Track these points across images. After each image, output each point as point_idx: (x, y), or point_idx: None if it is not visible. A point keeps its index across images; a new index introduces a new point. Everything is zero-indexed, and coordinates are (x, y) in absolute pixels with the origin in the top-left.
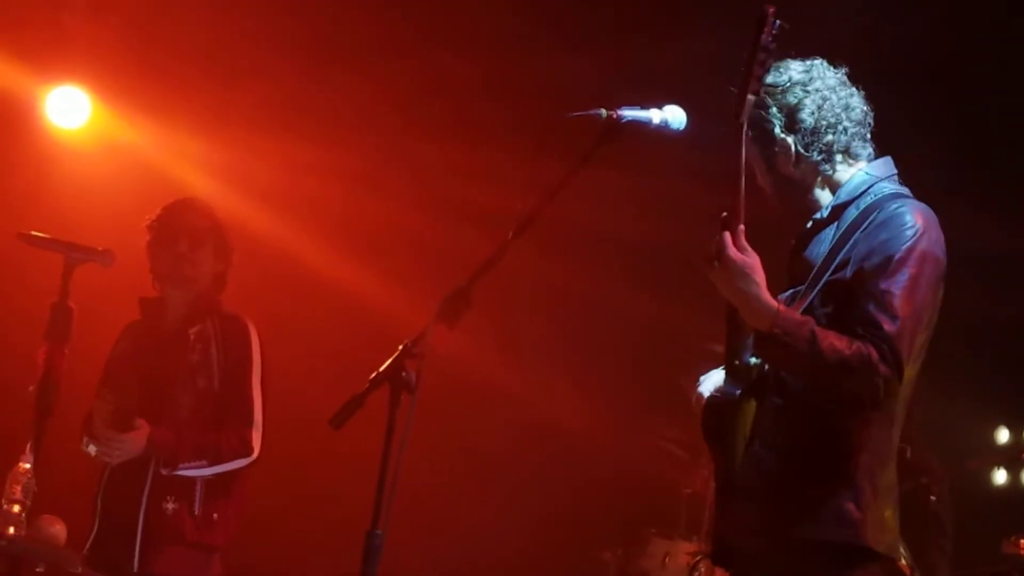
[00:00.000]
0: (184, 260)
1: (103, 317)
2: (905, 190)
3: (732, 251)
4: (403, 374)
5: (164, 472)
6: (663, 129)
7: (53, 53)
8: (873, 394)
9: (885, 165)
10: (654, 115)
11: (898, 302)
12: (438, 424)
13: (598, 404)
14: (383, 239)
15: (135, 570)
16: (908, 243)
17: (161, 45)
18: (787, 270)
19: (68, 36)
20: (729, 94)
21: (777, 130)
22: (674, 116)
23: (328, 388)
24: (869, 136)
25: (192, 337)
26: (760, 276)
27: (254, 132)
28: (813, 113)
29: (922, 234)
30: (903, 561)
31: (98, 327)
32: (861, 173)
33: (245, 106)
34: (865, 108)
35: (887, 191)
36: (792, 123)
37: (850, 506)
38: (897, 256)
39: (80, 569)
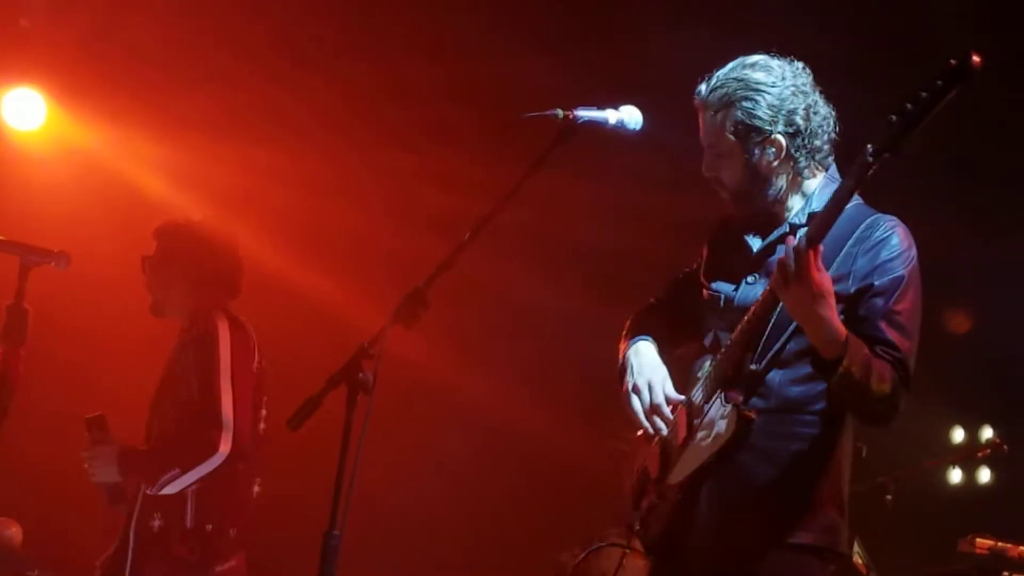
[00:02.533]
0: (146, 284)
1: (58, 320)
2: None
3: (815, 271)
4: (360, 375)
5: (149, 492)
6: (619, 129)
7: (9, 54)
8: (893, 413)
9: (835, 174)
10: (610, 115)
11: (908, 324)
12: (395, 428)
13: (556, 408)
14: (344, 244)
15: None
16: (910, 265)
17: (119, 48)
18: (723, 262)
19: (25, 37)
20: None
21: (769, 127)
22: (630, 116)
23: (289, 393)
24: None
25: (177, 350)
26: (834, 300)
27: (213, 136)
28: (806, 116)
29: (915, 254)
30: (859, 560)
31: (53, 329)
32: (825, 181)
33: (203, 110)
34: (833, 115)
35: (856, 203)
36: (787, 123)
37: (835, 515)
38: (905, 278)
39: (36, 572)
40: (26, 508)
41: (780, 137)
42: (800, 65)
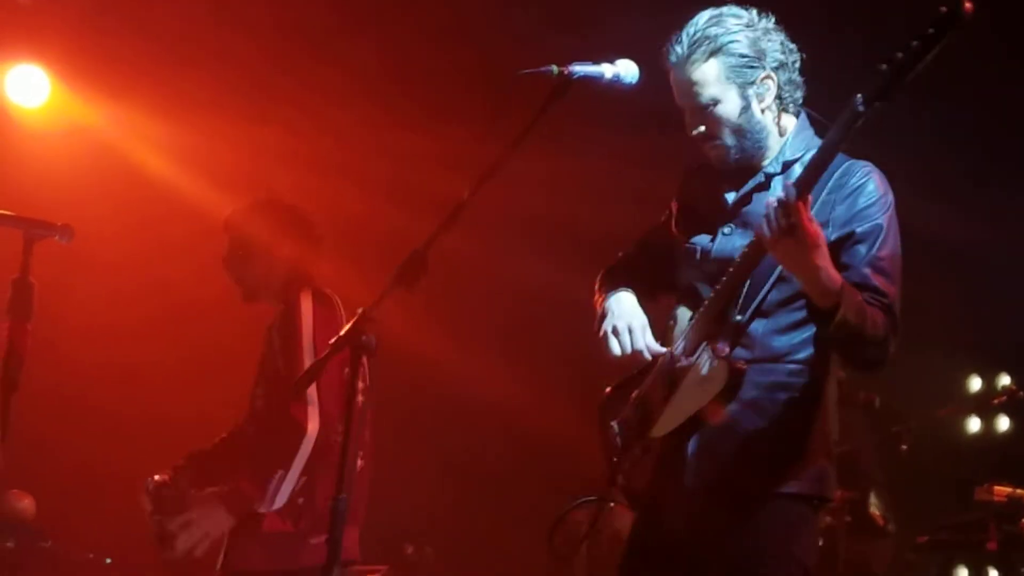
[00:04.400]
0: (230, 275)
1: (64, 293)
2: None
3: (808, 223)
4: (363, 338)
5: (264, 511)
6: (615, 83)
7: (12, 31)
8: (885, 359)
9: (807, 119)
10: (606, 70)
11: (892, 269)
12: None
13: (549, 379)
14: (348, 225)
15: (218, 566)
16: (888, 210)
17: (123, 25)
18: (697, 214)
19: (29, 14)
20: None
21: (760, 64)
22: (626, 70)
23: None
24: None
25: (268, 329)
26: (826, 249)
27: (217, 115)
28: (783, 51)
29: (892, 199)
30: (876, 511)
31: (59, 303)
32: (798, 128)
33: (208, 89)
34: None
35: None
36: (771, 59)
37: (824, 462)
38: (884, 224)
39: (49, 543)
40: (38, 480)
41: (771, 72)
42: (756, 9)
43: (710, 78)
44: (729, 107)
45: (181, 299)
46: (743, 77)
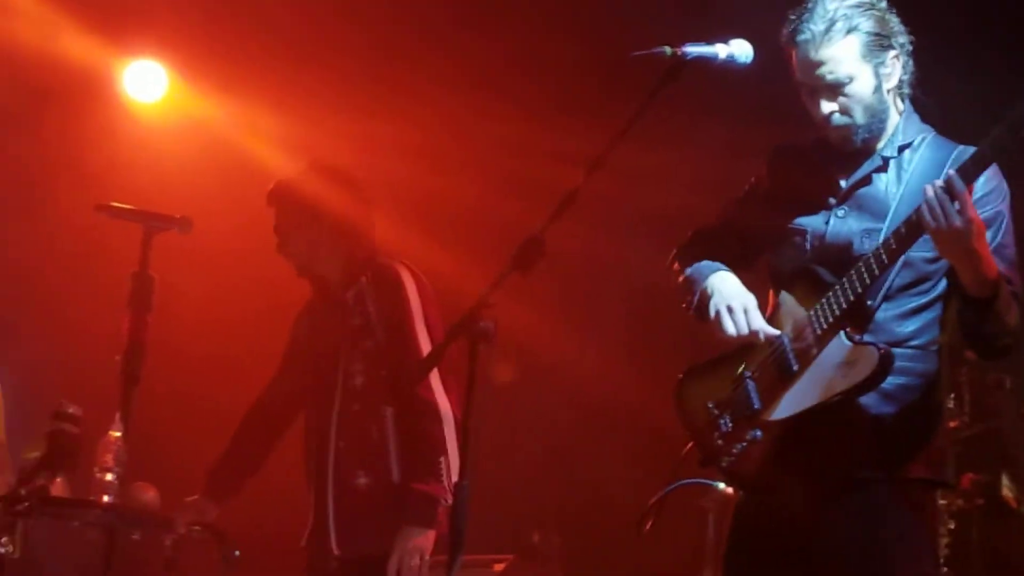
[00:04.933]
0: (281, 249)
1: (183, 285)
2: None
3: (973, 211)
4: (480, 324)
5: (447, 504)
6: (730, 64)
7: (131, 27)
8: (1011, 347)
9: (911, 104)
10: (720, 50)
11: (1015, 257)
12: (500, 399)
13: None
14: (466, 218)
15: (335, 553)
16: (1005, 199)
17: (240, 20)
18: (799, 194)
19: (147, 10)
20: None
21: (892, 43)
22: (740, 50)
23: None
24: None
25: (350, 301)
26: (986, 237)
27: (333, 109)
28: (905, 40)
29: (1006, 186)
30: (1009, 493)
31: (177, 297)
32: (907, 113)
33: (324, 83)
34: None
35: (933, 135)
36: (900, 45)
37: (943, 445)
38: (1005, 212)
39: (177, 532)
40: (162, 473)
41: (898, 52)
42: None
43: (847, 55)
44: (863, 85)
45: (296, 293)
46: (876, 56)
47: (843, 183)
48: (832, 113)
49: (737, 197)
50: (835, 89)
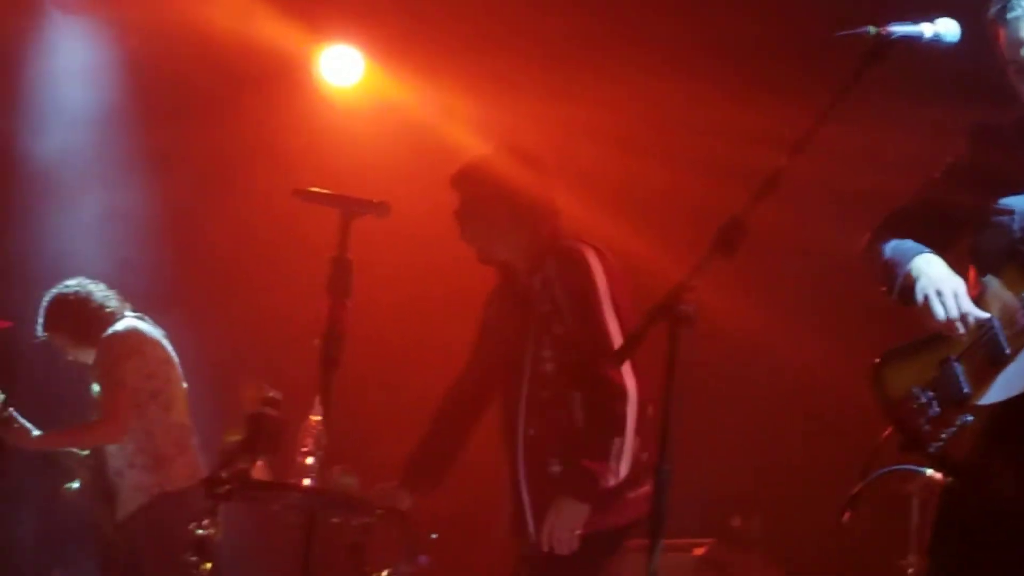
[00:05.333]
0: (463, 235)
1: (380, 269)
2: None
3: None
4: (680, 308)
5: (613, 484)
6: (935, 43)
7: (327, 12)
8: None
9: None
10: (925, 29)
11: None
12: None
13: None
14: (658, 202)
15: (534, 540)
16: None
17: (434, 4)
18: (1011, 176)
19: None
20: None
21: None
22: (947, 29)
23: None
24: None
25: (537, 286)
26: None
27: (526, 92)
28: None
29: None
30: None
31: (376, 279)
32: None
33: (518, 67)
34: None
35: None
36: None
37: None
38: None
39: (376, 515)
40: (362, 456)
41: None
42: None
43: None
44: None
45: (492, 275)
46: None
47: None
48: None
49: (935, 177)
50: None
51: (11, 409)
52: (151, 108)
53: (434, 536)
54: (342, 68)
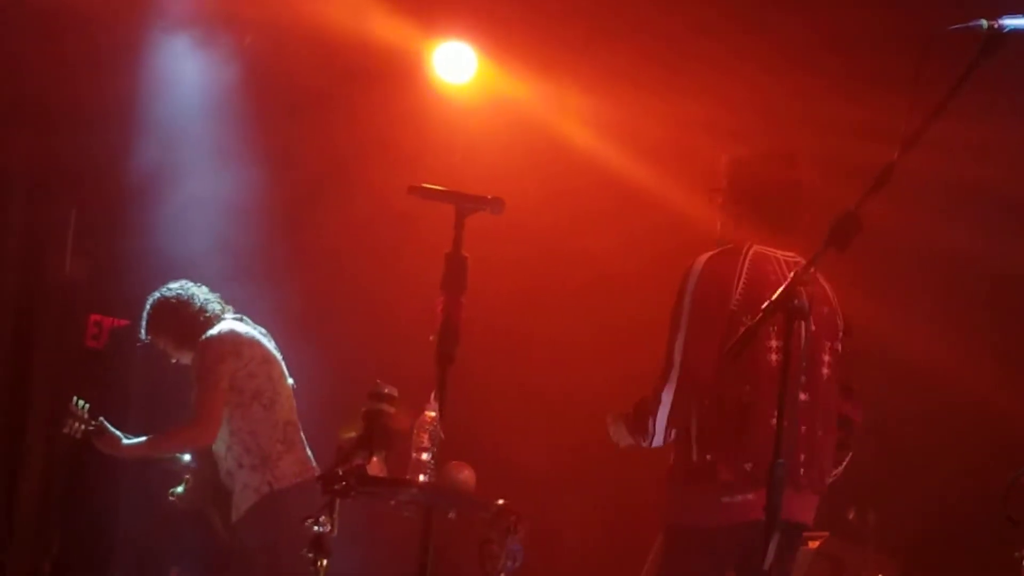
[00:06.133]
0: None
1: (495, 265)
2: None
3: None
4: (795, 301)
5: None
6: None
7: (440, 9)
8: None
9: None
10: None
11: None
12: None
13: (977, 345)
14: None
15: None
16: None
17: (545, 1)
18: None
19: None
20: None
21: None
22: None
23: None
24: None
25: None
26: None
27: (642, 88)
28: None
29: None
30: None
31: (491, 275)
32: None
33: (632, 61)
34: None
35: None
36: None
37: None
38: None
39: (492, 511)
40: (477, 452)
41: None
42: None
43: None
44: None
45: (606, 270)
46: None
47: None
48: None
49: None
50: None
51: (101, 418)
52: (266, 106)
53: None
54: (456, 64)
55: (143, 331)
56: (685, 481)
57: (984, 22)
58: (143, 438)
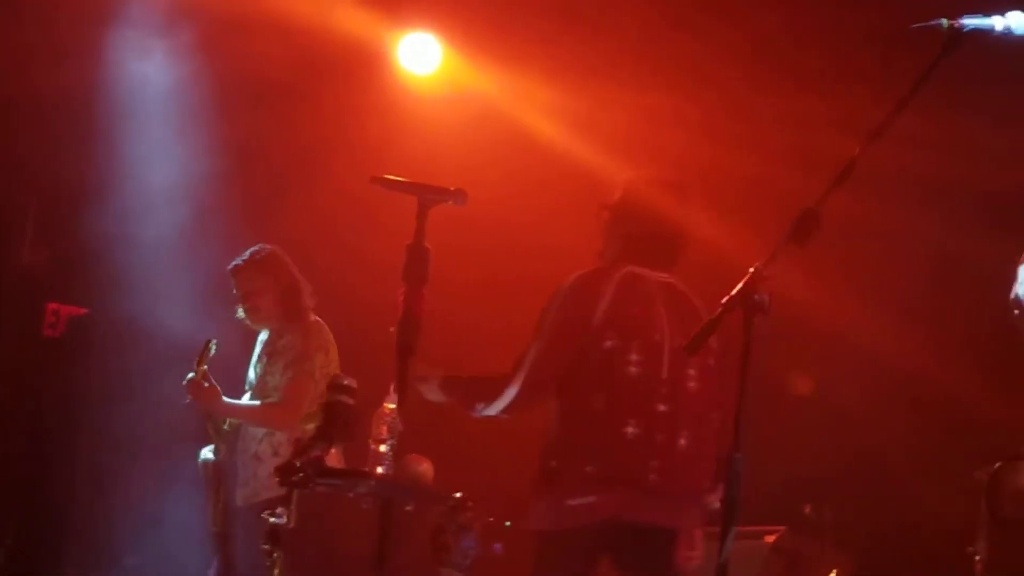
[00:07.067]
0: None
1: (457, 257)
2: None
3: None
4: (755, 296)
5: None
6: (1007, 35)
7: (405, 0)
8: None
9: None
10: (996, 22)
11: None
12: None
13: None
14: (741, 190)
15: None
16: None
17: None
18: None
19: None
20: None
21: None
22: (1017, 22)
23: None
24: None
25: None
26: None
27: (607, 80)
28: None
29: None
30: None
31: (453, 267)
32: None
33: (599, 54)
34: None
35: None
36: None
37: None
38: None
39: (450, 504)
40: (435, 445)
41: None
42: None
43: None
44: None
45: (569, 263)
46: None
47: None
48: None
49: None
50: None
51: (205, 367)
52: (229, 97)
53: (508, 524)
54: (421, 56)
55: (244, 272)
56: (536, 488)
57: (945, 21)
58: (239, 402)
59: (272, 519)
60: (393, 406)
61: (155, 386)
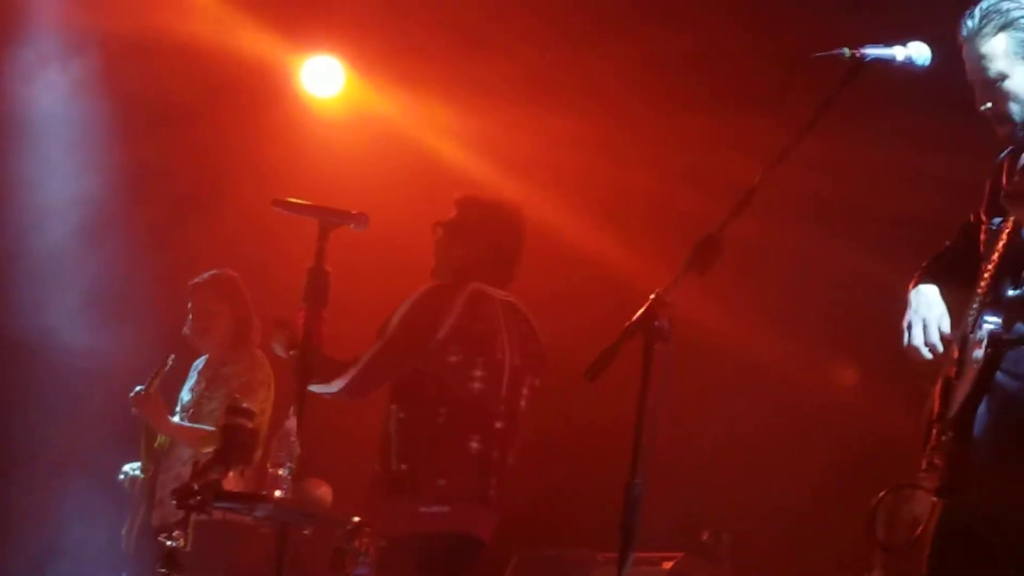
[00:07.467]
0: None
1: (358, 280)
2: None
3: None
4: (655, 323)
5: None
6: (907, 65)
7: (308, 23)
8: None
9: None
10: (897, 52)
11: None
12: (692, 397)
13: (873, 380)
14: (641, 210)
15: None
16: None
17: (414, 14)
18: (997, 190)
19: (323, 6)
20: None
21: None
22: (918, 52)
23: (585, 347)
24: None
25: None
26: None
27: (510, 102)
28: None
29: None
30: None
31: (354, 290)
32: None
33: (501, 76)
34: None
35: None
36: None
37: None
38: None
39: (349, 527)
40: (335, 469)
41: None
42: None
43: (998, 52)
44: (1017, 82)
45: None
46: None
47: None
48: (987, 110)
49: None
50: (990, 85)
51: (158, 381)
52: (132, 120)
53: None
54: (324, 78)
55: (202, 292)
56: (386, 492)
57: (847, 50)
58: (181, 425)
59: (169, 542)
60: (293, 429)
61: (50, 401)
